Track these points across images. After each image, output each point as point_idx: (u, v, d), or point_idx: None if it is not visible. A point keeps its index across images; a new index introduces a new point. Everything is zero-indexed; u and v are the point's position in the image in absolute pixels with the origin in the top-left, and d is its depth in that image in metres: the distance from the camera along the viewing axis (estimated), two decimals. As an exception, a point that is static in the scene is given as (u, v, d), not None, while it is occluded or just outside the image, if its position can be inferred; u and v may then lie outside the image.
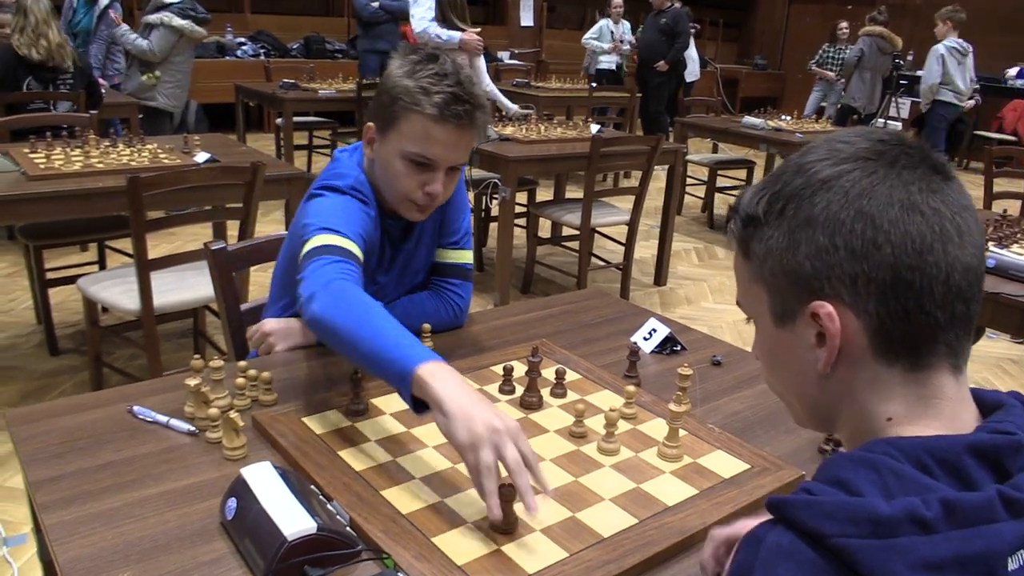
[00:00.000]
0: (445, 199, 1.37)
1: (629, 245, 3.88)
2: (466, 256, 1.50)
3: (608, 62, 7.64)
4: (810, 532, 0.50)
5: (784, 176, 0.60)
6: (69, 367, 2.91)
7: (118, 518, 0.95)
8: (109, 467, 1.05)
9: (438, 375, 0.95)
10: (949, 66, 6.28)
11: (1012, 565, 0.48)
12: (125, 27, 4.60)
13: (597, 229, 3.95)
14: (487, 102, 1.30)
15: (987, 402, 0.60)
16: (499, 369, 1.30)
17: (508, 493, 0.89)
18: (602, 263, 4.10)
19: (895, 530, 0.48)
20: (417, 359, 0.97)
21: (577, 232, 3.72)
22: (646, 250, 4.62)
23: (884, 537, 0.48)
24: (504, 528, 0.91)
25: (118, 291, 2.43)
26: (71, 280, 2.56)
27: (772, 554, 0.51)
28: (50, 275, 2.95)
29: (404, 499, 0.96)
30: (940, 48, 6.32)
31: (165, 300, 2.40)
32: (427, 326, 1.36)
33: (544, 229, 4.44)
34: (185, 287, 2.45)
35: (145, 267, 2.27)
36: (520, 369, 1.29)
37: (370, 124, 1.35)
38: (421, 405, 0.98)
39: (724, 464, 1.10)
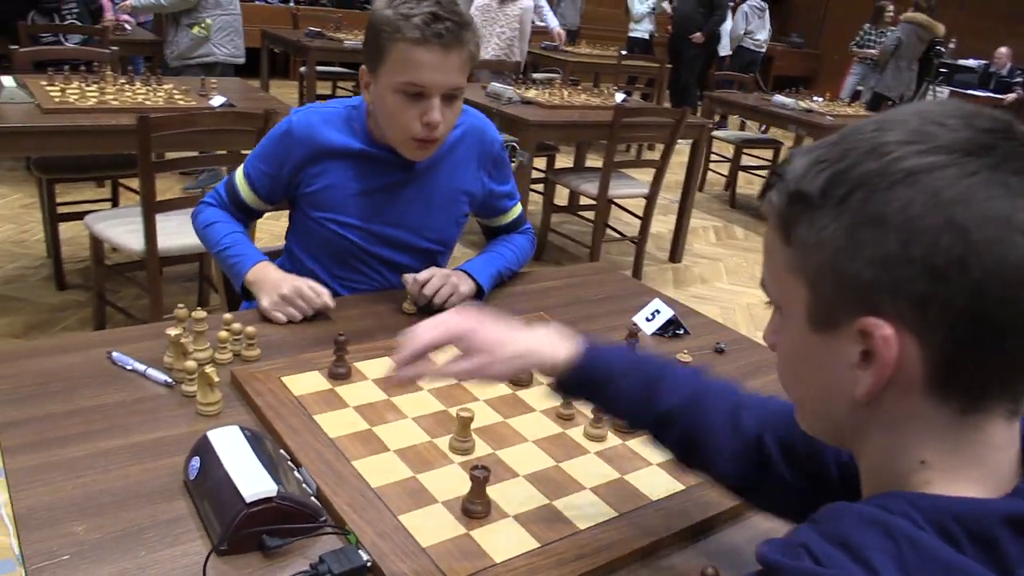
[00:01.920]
0: (448, 130, 1.35)
1: (646, 219, 3.81)
2: (520, 208, 1.64)
3: (641, 31, 7.46)
4: None
5: (853, 153, 0.49)
6: (74, 303, 2.90)
7: (80, 468, 0.92)
8: (79, 414, 1.02)
9: (259, 274, 1.34)
10: None
11: None
12: None
13: (614, 200, 3.87)
14: (472, 20, 1.28)
15: None
16: None
17: (481, 474, 0.86)
18: (617, 235, 4.04)
19: None
20: (248, 264, 1.36)
21: (594, 202, 3.63)
22: (663, 225, 4.53)
23: None
24: (476, 511, 0.88)
25: (123, 230, 2.40)
26: (82, 216, 2.51)
27: None
28: (61, 210, 2.94)
29: (376, 472, 0.94)
30: None
31: (170, 243, 2.36)
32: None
33: (561, 197, 4.36)
34: (189, 231, 2.39)
35: (151, 208, 2.23)
36: None
37: (363, 68, 1.33)
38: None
39: None
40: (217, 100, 2.82)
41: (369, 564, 0.79)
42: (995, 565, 0.44)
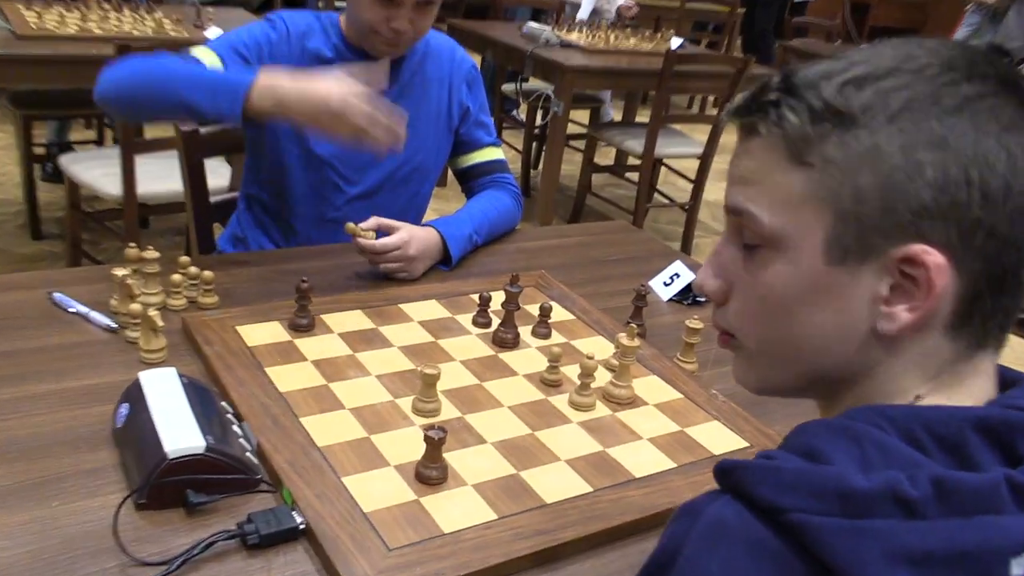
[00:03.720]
0: (417, 37, 1.45)
1: (699, 183, 3.75)
2: (499, 152, 1.65)
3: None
4: (763, 505, 0.47)
5: (899, 74, 0.52)
6: (49, 253, 2.98)
7: (5, 411, 0.95)
8: (13, 355, 1.06)
9: (278, 79, 1.22)
10: None
11: (1016, 570, 0.44)
12: None
13: (664, 161, 3.81)
14: None
15: (1006, 379, 0.57)
16: (476, 297, 1.29)
17: (437, 435, 0.87)
18: (666, 201, 3.98)
19: (871, 509, 0.45)
20: (251, 76, 1.21)
21: (639, 161, 3.59)
22: (721, 192, 4.44)
23: (855, 517, 0.45)
24: (430, 477, 0.89)
25: (101, 173, 2.45)
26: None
27: (711, 530, 0.48)
28: (38, 150, 2.98)
29: (325, 430, 0.95)
30: None
31: (154, 188, 2.40)
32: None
33: (607, 157, 4.29)
34: (177, 176, 2.42)
35: (130, 148, 2.27)
36: (500, 299, 1.26)
37: None
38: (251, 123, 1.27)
39: (718, 438, 1.07)
40: (213, 32, 2.85)
41: (303, 527, 0.80)
42: (962, 466, 0.48)
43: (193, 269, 1.22)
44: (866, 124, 0.51)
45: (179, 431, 0.84)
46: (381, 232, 1.35)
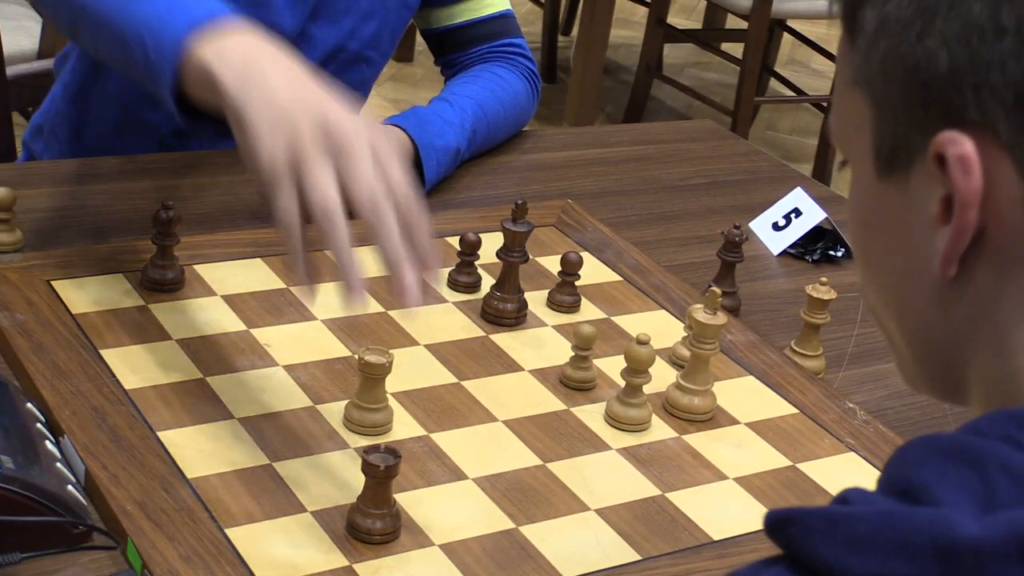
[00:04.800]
0: None
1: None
2: (503, 0, 1.48)
3: None
4: (825, 573, 0.43)
5: None
6: None
7: None
8: None
9: (226, 42, 0.86)
10: None
11: None
12: None
13: (788, 23, 3.40)
14: None
15: None
16: (456, 242, 1.16)
17: (383, 463, 0.77)
18: (792, 95, 3.50)
19: (985, 569, 0.40)
20: (193, 19, 0.88)
21: (745, 24, 3.20)
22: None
23: None
24: (370, 531, 0.80)
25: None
26: None
27: None
28: None
29: (199, 452, 0.88)
30: None
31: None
32: None
33: (690, 15, 3.90)
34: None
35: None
36: (496, 245, 1.13)
37: None
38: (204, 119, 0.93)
39: (853, 479, 0.95)
40: None
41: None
42: None
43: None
44: None
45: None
46: None
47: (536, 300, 1.14)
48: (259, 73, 0.84)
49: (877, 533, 0.43)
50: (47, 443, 0.83)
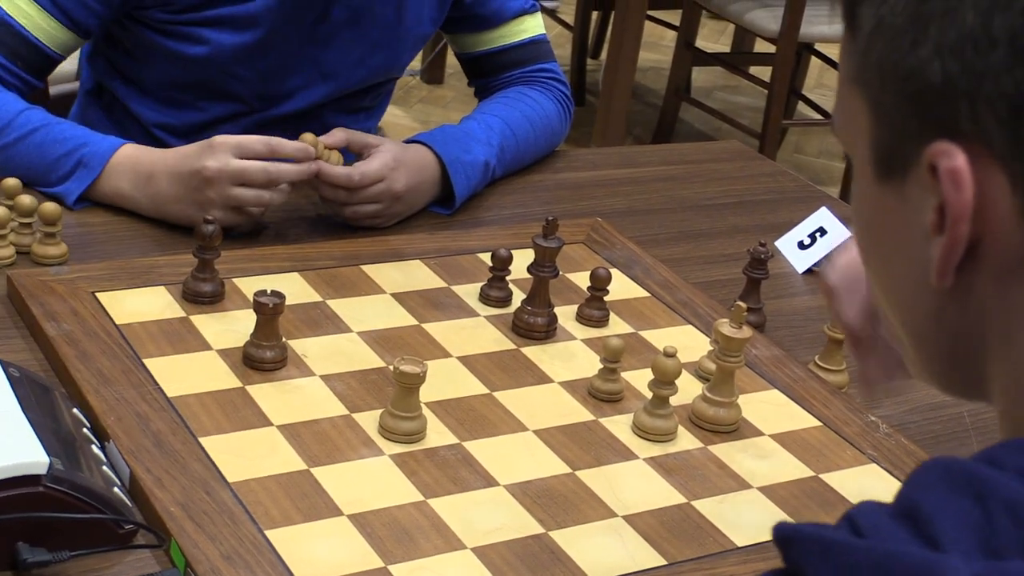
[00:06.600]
0: None
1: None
2: (537, 25, 1.46)
3: None
4: None
5: None
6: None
7: None
8: None
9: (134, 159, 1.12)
10: None
11: None
12: None
13: (816, 47, 3.41)
14: None
15: None
16: (488, 258, 1.18)
17: (272, 300, 0.90)
18: (819, 118, 3.51)
19: None
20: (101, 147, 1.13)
21: (773, 48, 3.22)
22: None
23: None
24: (272, 359, 0.94)
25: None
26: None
27: None
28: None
29: (240, 458, 0.89)
30: None
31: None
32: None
33: (718, 38, 3.88)
34: None
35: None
36: (527, 261, 1.14)
37: None
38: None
39: (875, 490, 0.98)
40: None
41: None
42: None
43: (26, 200, 1.10)
44: None
45: (4, 444, 0.76)
46: (348, 154, 1.23)
47: (566, 315, 1.15)
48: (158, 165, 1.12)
49: (867, 571, 0.43)
50: (93, 447, 0.85)
